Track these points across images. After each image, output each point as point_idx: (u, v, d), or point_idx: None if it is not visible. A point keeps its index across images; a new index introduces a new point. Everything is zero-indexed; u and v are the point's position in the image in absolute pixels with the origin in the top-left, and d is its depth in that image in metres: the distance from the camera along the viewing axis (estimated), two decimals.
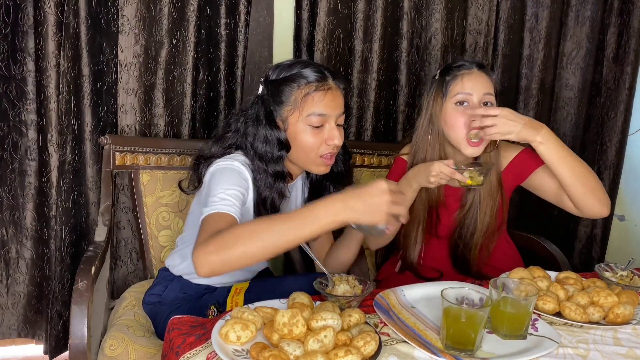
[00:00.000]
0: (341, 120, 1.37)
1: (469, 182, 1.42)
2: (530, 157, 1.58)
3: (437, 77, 1.55)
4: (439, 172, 1.40)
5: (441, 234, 1.67)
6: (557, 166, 1.43)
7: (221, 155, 1.37)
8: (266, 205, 1.35)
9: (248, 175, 1.32)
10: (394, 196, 1.08)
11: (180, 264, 1.54)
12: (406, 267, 1.70)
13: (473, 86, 1.48)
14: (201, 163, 1.40)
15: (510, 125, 1.40)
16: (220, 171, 1.30)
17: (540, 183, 1.57)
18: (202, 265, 1.07)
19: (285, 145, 1.35)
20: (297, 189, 1.53)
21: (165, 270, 1.57)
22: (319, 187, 1.49)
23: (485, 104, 1.49)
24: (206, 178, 1.34)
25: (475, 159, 1.57)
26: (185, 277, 1.53)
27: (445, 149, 1.57)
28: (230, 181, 1.26)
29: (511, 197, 1.71)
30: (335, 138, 1.33)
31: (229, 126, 1.44)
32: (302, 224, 1.06)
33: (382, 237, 1.30)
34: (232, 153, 1.38)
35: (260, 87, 1.40)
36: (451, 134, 1.52)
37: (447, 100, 1.51)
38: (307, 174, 1.51)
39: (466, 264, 1.63)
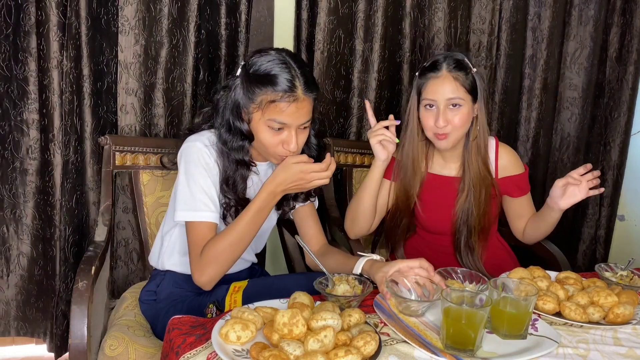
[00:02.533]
0: (307, 125, 1.41)
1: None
2: (527, 181, 1.73)
3: (416, 76, 1.65)
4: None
5: (444, 230, 1.71)
6: (551, 225, 1.67)
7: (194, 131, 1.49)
8: (229, 184, 1.44)
9: (210, 156, 1.42)
10: (304, 166, 1.34)
11: (168, 260, 1.55)
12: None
13: (436, 92, 1.57)
14: (187, 135, 1.50)
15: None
16: (186, 156, 1.42)
17: (517, 205, 1.75)
18: (206, 285, 1.38)
19: (247, 137, 1.42)
20: (273, 168, 1.55)
21: (155, 269, 1.59)
22: None
23: (455, 105, 1.58)
24: (178, 157, 1.46)
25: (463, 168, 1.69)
26: (172, 270, 1.55)
27: (425, 143, 1.70)
28: (198, 171, 1.40)
29: None
30: (291, 144, 1.37)
31: (211, 98, 1.55)
32: (256, 217, 1.37)
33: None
34: (205, 129, 1.48)
35: (239, 70, 1.42)
36: (425, 132, 1.65)
37: (420, 102, 1.63)
38: None
39: (470, 252, 1.69)
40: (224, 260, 1.36)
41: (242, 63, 1.42)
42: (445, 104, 1.56)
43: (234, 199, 1.44)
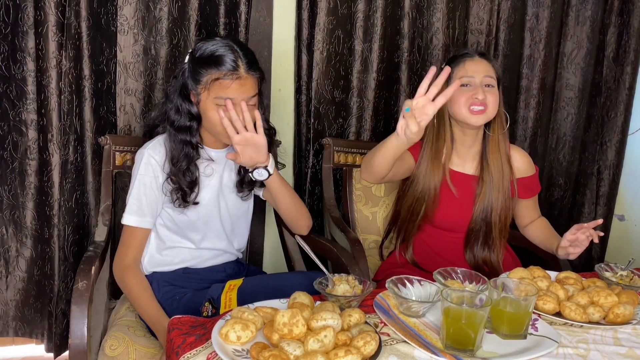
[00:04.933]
0: (253, 102, 1.48)
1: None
2: (537, 182, 1.77)
3: (443, 66, 1.61)
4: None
5: (460, 229, 1.72)
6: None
7: (155, 128, 1.58)
8: (174, 164, 1.50)
9: (155, 161, 1.50)
10: None
11: (149, 263, 1.58)
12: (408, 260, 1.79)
13: (475, 70, 1.61)
14: (146, 134, 1.61)
15: None
16: (136, 161, 1.53)
17: (523, 205, 1.79)
18: (119, 284, 1.53)
19: (195, 117, 1.49)
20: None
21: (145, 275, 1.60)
22: None
23: (488, 85, 1.61)
24: (135, 160, 1.54)
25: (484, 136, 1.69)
26: (157, 270, 1.58)
27: (453, 128, 1.69)
28: (140, 178, 1.50)
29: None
30: None
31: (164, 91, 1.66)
32: (147, 320, 1.46)
33: None
34: (159, 133, 1.56)
35: (187, 58, 1.51)
36: (455, 111, 1.62)
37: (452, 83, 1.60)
38: None
39: (489, 249, 1.70)
40: (126, 295, 1.53)
41: (190, 50, 1.50)
42: (481, 82, 1.60)
43: (178, 180, 1.49)
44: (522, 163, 1.74)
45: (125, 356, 1.38)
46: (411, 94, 2.20)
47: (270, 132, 1.64)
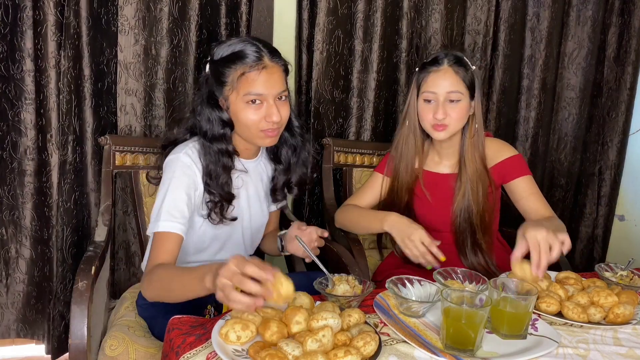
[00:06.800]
0: (284, 97, 1.41)
1: (428, 267, 1.51)
2: (520, 163, 1.67)
3: (416, 71, 1.66)
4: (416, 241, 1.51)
5: (444, 228, 1.71)
6: None
7: (178, 141, 1.47)
8: (212, 177, 1.41)
9: (194, 166, 1.40)
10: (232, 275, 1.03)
11: None
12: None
13: (438, 85, 1.59)
14: (167, 147, 1.49)
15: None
16: (169, 168, 1.40)
17: (520, 190, 1.65)
18: (149, 299, 1.32)
19: (227, 124, 1.42)
20: (261, 164, 1.59)
21: None
22: (280, 157, 1.58)
23: (453, 101, 1.59)
24: (163, 169, 1.44)
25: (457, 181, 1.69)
26: None
27: (423, 139, 1.71)
28: (176, 183, 1.37)
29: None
30: (273, 115, 1.37)
31: (189, 107, 1.57)
32: (191, 283, 1.16)
33: None
34: (187, 139, 1.47)
35: (207, 67, 1.44)
36: (422, 125, 1.65)
37: (419, 95, 1.63)
38: (267, 147, 1.58)
39: (480, 251, 1.68)
40: (159, 296, 1.29)
41: (208, 59, 1.45)
42: (445, 98, 1.58)
43: (218, 194, 1.42)
44: (495, 149, 1.68)
45: (125, 356, 1.38)
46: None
47: (302, 132, 1.59)
